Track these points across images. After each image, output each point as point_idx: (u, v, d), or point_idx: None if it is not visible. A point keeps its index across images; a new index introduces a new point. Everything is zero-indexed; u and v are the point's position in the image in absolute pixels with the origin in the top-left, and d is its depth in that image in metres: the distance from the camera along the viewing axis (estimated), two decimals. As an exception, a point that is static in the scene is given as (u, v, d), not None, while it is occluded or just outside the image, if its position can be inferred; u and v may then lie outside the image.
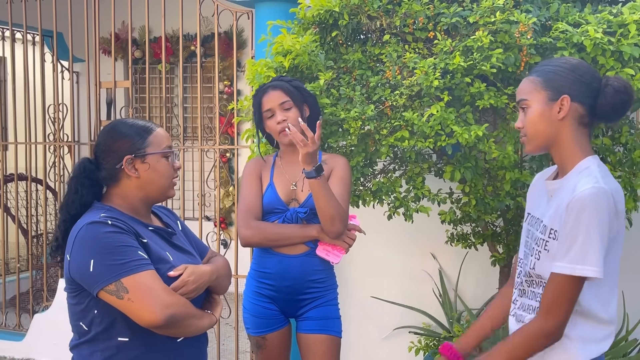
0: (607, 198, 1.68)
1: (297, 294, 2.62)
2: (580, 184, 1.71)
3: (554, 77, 1.79)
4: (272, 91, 2.63)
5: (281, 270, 2.60)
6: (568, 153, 1.80)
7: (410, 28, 2.89)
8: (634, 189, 2.99)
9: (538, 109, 1.80)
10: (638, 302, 3.50)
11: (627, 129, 3.02)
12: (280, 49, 2.97)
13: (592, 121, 1.81)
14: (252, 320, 2.67)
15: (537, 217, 1.86)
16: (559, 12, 2.84)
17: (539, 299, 1.81)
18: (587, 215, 1.66)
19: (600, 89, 1.77)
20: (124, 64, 7.09)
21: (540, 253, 1.80)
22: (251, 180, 2.66)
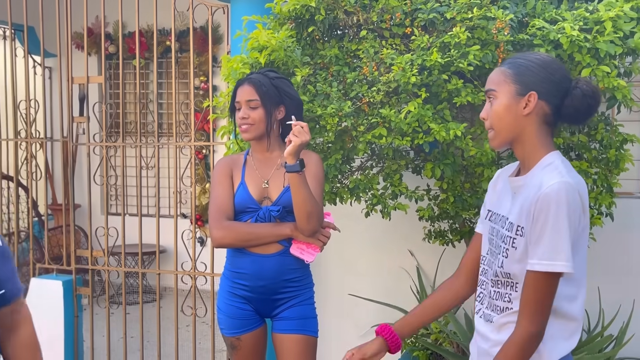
0: (574, 192, 1.67)
1: (272, 294, 2.58)
2: (545, 179, 1.69)
3: (525, 71, 1.77)
4: (246, 85, 2.59)
5: (255, 271, 2.55)
6: (531, 149, 1.78)
7: (387, 24, 2.87)
8: (610, 186, 3.01)
9: (504, 102, 1.78)
10: (613, 298, 3.52)
11: (603, 126, 3.03)
12: (255, 44, 2.93)
13: (556, 121, 1.80)
14: (226, 320, 2.63)
15: (502, 215, 1.84)
16: (536, 9, 2.84)
17: (506, 299, 1.79)
18: (554, 210, 1.64)
19: (569, 90, 1.76)
20: (98, 59, 6.99)
21: (508, 251, 1.77)
22: (221, 179, 2.61)
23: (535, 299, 1.69)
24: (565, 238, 1.64)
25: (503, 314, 1.80)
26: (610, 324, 3.30)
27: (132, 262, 6.29)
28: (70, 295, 4.42)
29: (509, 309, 1.79)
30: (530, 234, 1.70)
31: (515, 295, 1.77)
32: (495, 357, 1.75)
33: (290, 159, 2.36)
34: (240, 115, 2.58)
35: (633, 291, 3.53)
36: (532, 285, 1.69)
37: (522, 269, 1.74)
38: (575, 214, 1.67)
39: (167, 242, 4.91)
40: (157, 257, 4.35)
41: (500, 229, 1.83)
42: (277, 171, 2.60)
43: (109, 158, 4.48)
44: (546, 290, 1.68)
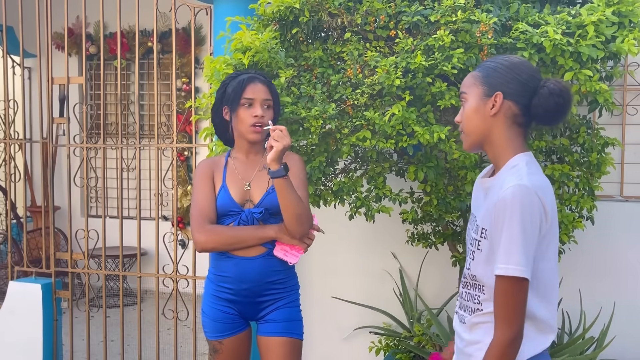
0: (530, 196, 1.66)
1: (256, 297, 2.55)
2: (506, 182, 1.70)
3: (492, 73, 1.79)
4: (259, 83, 2.51)
5: (239, 274, 2.52)
6: (500, 150, 1.79)
7: (371, 26, 2.86)
8: (591, 189, 3.02)
9: (473, 104, 1.81)
10: (594, 300, 3.54)
11: (585, 129, 3.05)
12: (239, 45, 2.91)
13: (528, 122, 1.80)
14: (210, 324, 2.60)
15: (475, 216, 1.86)
16: (519, 13, 2.85)
17: (475, 301, 1.81)
18: (509, 214, 1.65)
19: (536, 89, 1.75)
20: (78, 59, 6.93)
21: (475, 253, 1.79)
22: (203, 182, 2.56)
23: (503, 303, 1.69)
24: (518, 242, 1.64)
25: (474, 315, 1.81)
26: (591, 326, 3.32)
27: (113, 265, 6.22)
28: (49, 299, 4.36)
29: (479, 310, 1.80)
30: (492, 237, 1.72)
31: (484, 297, 1.78)
32: None
33: (274, 164, 2.34)
34: (257, 113, 2.47)
35: (614, 293, 3.56)
36: (498, 289, 1.70)
37: (486, 271, 1.75)
38: (531, 217, 1.66)
39: (148, 244, 4.86)
40: (138, 260, 4.31)
41: (470, 231, 1.85)
42: (259, 173, 2.56)
43: (89, 159, 4.43)
44: (512, 294, 1.68)
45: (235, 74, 2.56)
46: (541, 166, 3.03)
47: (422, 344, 3.63)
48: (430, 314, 3.55)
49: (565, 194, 3.02)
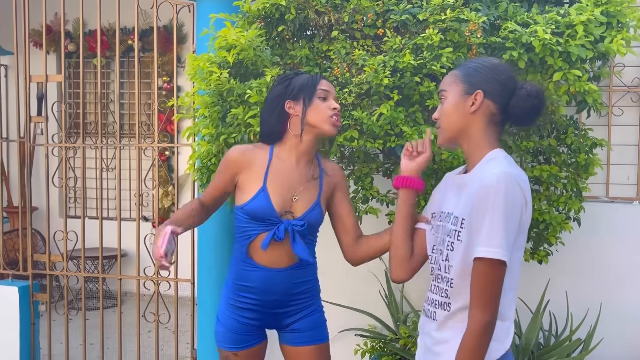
0: (513, 182, 1.71)
1: (281, 307, 2.41)
2: (486, 171, 1.75)
3: (473, 72, 1.86)
4: (328, 81, 2.42)
5: (266, 285, 2.35)
6: (476, 146, 1.85)
7: (359, 24, 2.82)
8: (579, 190, 3.00)
9: (453, 101, 1.87)
10: (581, 301, 3.53)
11: (573, 130, 3.03)
12: (223, 43, 2.85)
13: (503, 121, 1.87)
14: (225, 334, 2.44)
15: (448, 212, 1.89)
16: (507, 12, 2.82)
17: (443, 294, 1.84)
18: (492, 198, 1.69)
19: (514, 90, 1.83)
20: (57, 57, 6.80)
21: (454, 244, 1.81)
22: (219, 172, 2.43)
23: (481, 287, 1.71)
24: (500, 226, 1.68)
25: (445, 313, 1.83)
26: (578, 328, 3.30)
27: (91, 267, 6.11)
28: (26, 302, 4.27)
29: (447, 305, 1.83)
30: (472, 224, 1.74)
31: (451, 291, 1.82)
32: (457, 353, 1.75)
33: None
34: (335, 105, 2.32)
35: (600, 294, 3.54)
36: (475, 273, 1.72)
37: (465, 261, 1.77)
38: (513, 204, 1.71)
39: (128, 245, 4.77)
40: (118, 262, 4.23)
41: (446, 224, 1.87)
42: (307, 184, 2.36)
43: (68, 159, 4.34)
44: (490, 278, 1.70)
45: (296, 73, 2.42)
46: (529, 167, 3.02)
47: (408, 347, 3.59)
48: (417, 315, 3.51)
49: (553, 195, 3.00)
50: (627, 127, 3.69)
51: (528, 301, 3.50)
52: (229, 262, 3.91)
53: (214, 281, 3.89)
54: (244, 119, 2.76)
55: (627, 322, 3.56)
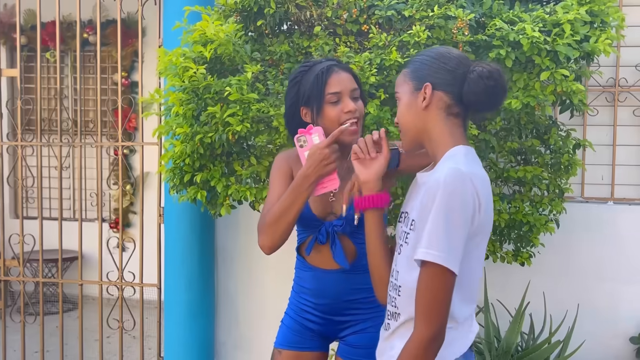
0: (463, 180, 1.54)
1: (336, 315, 2.22)
2: (439, 167, 1.61)
3: (419, 66, 1.70)
4: (341, 71, 2.05)
5: (317, 287, 2.19)
6: (438, 143, 1.68)
7: (342, 20, 2.71)
8: (561, 191, 2.97)
9: (405, 100, 1.72)
10: (560, 303, 3.51)
11: (556, 130, 3.00)
12: (198, 37, 2.71)
13: (463, 111, 1.69)
14: (282, 331, 2.30)
15: (406, 212, 1.73)
16: (492, 9, 2.76)
17: (393, 304, 1.68)
18: (438, 196, 1.52)
19: (465, 75, 1.65)
20: (6, 50, 6.49)
21: (402, 247, 1.66)
22: (280, 180, 2.12)
23: (423, 296, 1.54)
24: (442, 226, 1.51)
25: (396, 324, 1.68)
26: (557, 330, 3.27)
27: (46, 270, 5.85)
28: (-21, 309, 4.03)
29: (397, 316, 1.67)
30: (419, 225, 1.59)
31: (400, 300, 1.65)
32: None
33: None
34: (349, 107, 2.00)
35: (577, 295, 3.53)
36: (420, 279, 1.55)
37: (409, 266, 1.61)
38: (462, 203, 1.53)
39: (85, 247, 4.56)
40: (79, 266, 4.04)
41: (402, 225, 1.72)
42: (343, 182, 2.10)
43: (24, 157, 4.12)
44: (433, 286, 1.52)
45: (306, 65, 2.10)
46: (513, 168, 2.97)
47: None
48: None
49: (536, 196, 2.96)
50: (601, 127, 3.70)
51: (506, 303, 3.47)
52: (199, 265, 3.82)
53: (183, 285, 3.74)
54: (222, 118, 2.62)
55: (603, 323, 3.57)
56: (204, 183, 2.83)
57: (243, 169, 2.83)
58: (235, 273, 3.98)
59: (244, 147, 2.92)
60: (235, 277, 3.99)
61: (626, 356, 3.59)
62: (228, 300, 4.00)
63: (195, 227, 3.71)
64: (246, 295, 3.98)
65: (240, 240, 3.96)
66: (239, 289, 3.99)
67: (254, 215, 3.74)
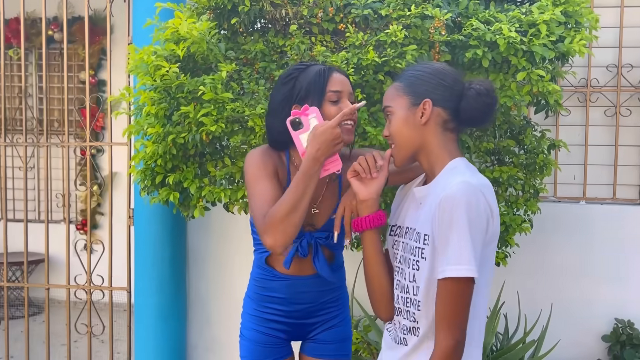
0: (475, 192, 1.58)
1: (309, 317, 2.20)
2: (448, 182, 1.62)
3: (416, 81, 1.72)
4: (341, 74, 2.01)
5: (292, 295, 2.15)
6: (435, 158, 1.71)
7: (317, 19, 2.67)
8: (537, 191, 2.98)
9: (401, 115, 1.72)
10: (534, 302, 3.53)
11: (531, 130, 3.00)
12: (171, 35, 2.64)
13: (458, 126, 1.74)
14: (250, 348, 2.22)
15: (409, 227, 1.75)
16: (468, 9, 2.74)
17: (411, 319, 1.69)
18: (457, 211, 1.55)
19: (462, 92, 1.70)
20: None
21: (419, 262, 1.67)
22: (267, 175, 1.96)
23: (449, 308, 1.57)
24: (467, 240, 1.55)
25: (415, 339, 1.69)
26: (532, 330, 3.28)
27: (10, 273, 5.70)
28: (-59, 315, 3.89)
29: (417, 330, 1.69)
30: (436, 240, 1.60)
31: (419, 314, 1.67)
32: None
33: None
34: (350, 110, 1.91)
35: (551, 294, 3.55)
36: (442, 294, 1.58)
37: (429, 283, 1.63)
38: (478, 215, 1.57)
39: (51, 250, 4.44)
40: (46, 270, 3.93)
41: (408, 241, 1.73)
42: (326, 192, 2.10)
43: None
44: (460, 297, 1.57)
45: (303, 64, 2.05)
46: (488, 168, 2.96)
47: (360, 352, 3.49)
48: (370, 319, 3.41)
49: (512, 196, 2.96)
50: (573, 127, 3.73)
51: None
52: (170, 267, 3.75)
53: (153, 288, 3.67)
54: (195, 118, 2.56)
55: (576, 321, 3.60)
56: (176, 184, 2.76)
57: (217, 170, 2.77)
58: (207, 275, 3.92)
59: (218, 147, 2.86)
60: (207, 279, 3.92)
61: (598, 354, 3.63)
62: (200, 302, 3.94)
63: (166, 228, 3.64)
64: (218, 297, 3.93)
65: (212, 242, 3.89)
66: (210, 290, 3.93)
67: (226, 217, 3.68)
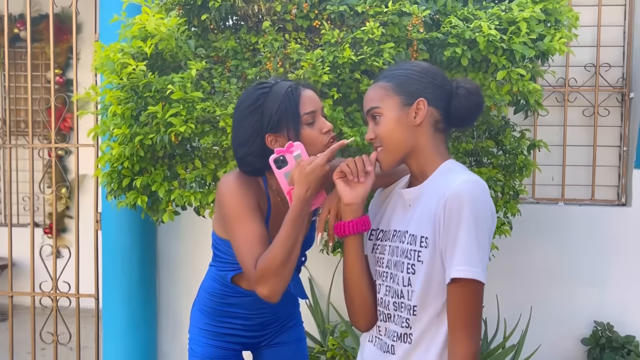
0: (483, 192, 1.52)
1: (267, 326, 2.12)
2: (450, 181, 1.54)
3: (407, 80, 1.63)
4: (308, 90, 1.84)
5: (254, 309, 2.05)
6: (427, 159, 1.63)
7: (291, 15, 2.57)
8: (516, 193, 2.91)
9: (393, 116, 1.62)
10: (513, 305, 3.47)
11: (510, 131, 2.94)
12: (137, 32, 2.53)
13: (447, 127, 1.67)
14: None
15: (397, 230, 1.67)
16: (446, 6, 2.67)
17: (404, 324, 1.61)
18: (465, 211, 1.48)
19: (452, 91, 1.64)
20: None
21: (415, 266, 1.58)
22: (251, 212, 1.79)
23: (465, 312, 1.51)
24: (478, 242, 1.49)
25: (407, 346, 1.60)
26: (511, 334, 3.22)
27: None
28: None
29: (409, 337, 1.60)
30: (441, 241, 1.53)
31: (414, 319, 1.59)
32: None
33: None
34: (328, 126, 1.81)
35: (530, 297, 3.50)
36: (457, 297, 1.51)
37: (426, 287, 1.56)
38: (486, 214, 1.52)
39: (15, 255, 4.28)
40: (9, 276, 3.77)
41: (399, 244, 1.64)
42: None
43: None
44: (474, 301, 1.51)
45: (263, 88, 1.83)
46: (468, 169, 2.89)
47: (336, 358, 3.40)
48: (346, 325, 3.32)
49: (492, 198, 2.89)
50: (551, 128, 3.68)
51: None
52: (139, 272, 3.62)
53: (122, 294, 3.55)
54: (163, 118, 2.45)
55: (556, 324, 3.55)
56: (144, 188, 2.64)
57: (187, 173, 2.66)
58: (178, 279, 3.80)
59: (188, 149, 2.75)
60: (178, 284, 3.81)
61: (578, 357, 3.58)
62: (171, 308, 3.82)
63: (135, 232, 3.52)
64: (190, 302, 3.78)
65: (183, 246, 3.78)
66: (182, 296, 3.81)
67: (197, 220, 3.56)
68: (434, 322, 1.57)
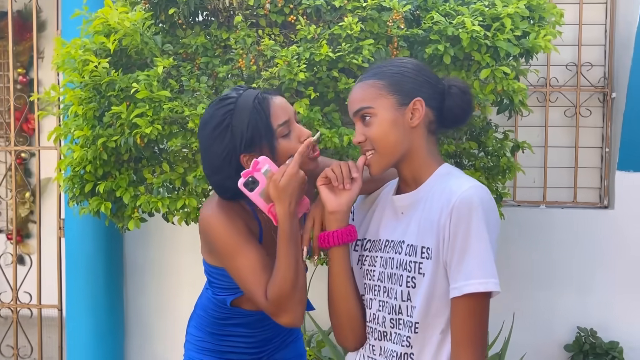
0: (490, 197, 1.44)
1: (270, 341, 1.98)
2: (454, 187, 1.43)
3: (402, 78, 1.51)
4: (275, 97, 1.67)
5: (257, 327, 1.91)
6: (421, 163, 1.51)
7: (265, 10, 2.43)
8: (500, 196, 2.81)
9: (388, 117, 1.49)
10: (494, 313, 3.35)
11: (492, 132, 2.84)
12: (101, 27, 2.37)
13: (438, 128, 1.56)
14: None
15: (391, 240, 1.54)
16: (427, 2, 2.55)
17: (404, 343, 1.49)
18: (477, 218, 1.38)
19: (445, 91, 1.54)
20: None
21: (415, 279, 1.47)
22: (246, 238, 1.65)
23: (471, 328, 1.40)
24: (490, 252, 1.39)
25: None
26: (494, 342, 3.12)
27: None
28: None
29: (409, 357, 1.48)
30: (446, 252, 1.42)
31: (415, 338, 1.47)
32: None
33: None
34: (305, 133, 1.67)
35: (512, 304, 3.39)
36: (467, 310, 1.40)
37: (428, 302, 1.45)
38: (496, 222, 1.44)
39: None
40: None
41: (395, 255, 1.52)
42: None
43: None
44: (482, 313, 1.41)
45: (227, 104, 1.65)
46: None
47: (313, 369, 3.27)
48: (323, 335, 3.19)
49: (474, 202, 2.79)
50: (532, 128, 3.59)
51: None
52: (105, 281, 3.45)
53: (87, 304, 3.38)
54: (128, 119, 2.30)
55: (538, 330, 3.47)
56: (108, 193, 2.48)
57: (154, 177, 2.50)
58: (146, 289, 3.64)
59: (155, 152, 2.59)
60: (146, 293, 3.64)
61: (560, 364, 3.50)
62: (139, 317, 3.65)
63: (100, 239, 3.35)
64: (159, 312, 3.65)
65: (151, 253, 3.62)
66: (151, 305, 3.65)
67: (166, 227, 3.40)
68: (437, 339, 1.45)
